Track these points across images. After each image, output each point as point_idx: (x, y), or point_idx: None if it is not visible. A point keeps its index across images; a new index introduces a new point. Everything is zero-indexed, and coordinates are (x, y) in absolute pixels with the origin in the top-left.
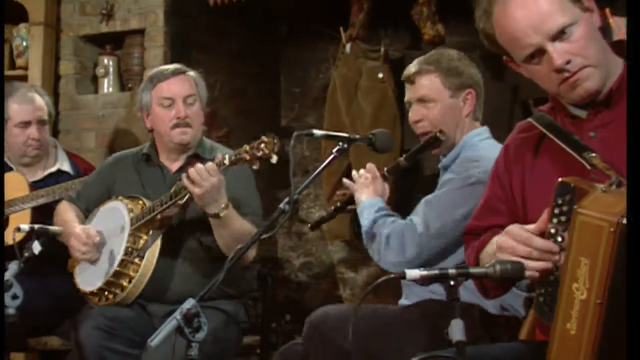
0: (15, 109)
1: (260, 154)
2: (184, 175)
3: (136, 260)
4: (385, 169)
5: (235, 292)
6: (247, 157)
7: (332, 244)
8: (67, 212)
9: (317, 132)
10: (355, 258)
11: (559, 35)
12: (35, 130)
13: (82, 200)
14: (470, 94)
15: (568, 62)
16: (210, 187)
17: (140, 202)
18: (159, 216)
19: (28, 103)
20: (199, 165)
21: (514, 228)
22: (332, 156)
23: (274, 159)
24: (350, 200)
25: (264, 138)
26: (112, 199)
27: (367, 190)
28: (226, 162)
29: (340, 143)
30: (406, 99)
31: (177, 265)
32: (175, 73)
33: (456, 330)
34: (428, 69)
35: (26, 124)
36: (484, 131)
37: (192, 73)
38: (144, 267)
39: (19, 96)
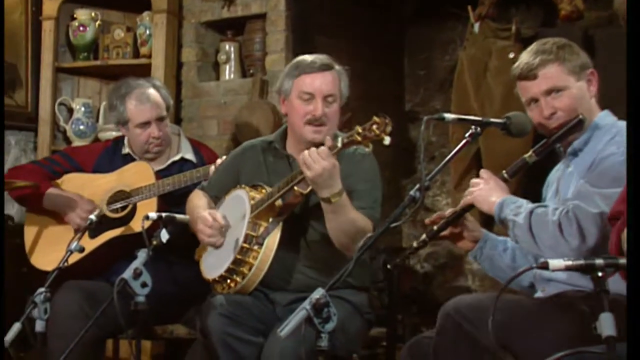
0: (133, 110)
1: (372, 135)
2: (299, 158)
3: (255, 247)
4: (504, 171)
5: (361, 283)
6: (359, 139)
7: None
8: (197, 199)
9: (449, 115)
10: None
11: None
12: (155, 129)
13: (213, 188)
14: (592, 74)
15: None
16: (322, 170)
17: (263, 190)
18: (279, 203)
19: (145, 103)
20: (312, 149)
21: None
22: (464, 141)
23: (387, 141)
24: (445, 225)
25: (375, 119)
26: (237, 188)
27: (495, 192)
28: (338, 144)
29: (473, 127)
30: (528, 96)
31: (300, 253)
32: (321, 68)
33: (606, 325)
34: (548, 58)
35: (145, 124)
36: (608, 112)
37: (337, 68)
38: (263, 254)
39: (135, 96)
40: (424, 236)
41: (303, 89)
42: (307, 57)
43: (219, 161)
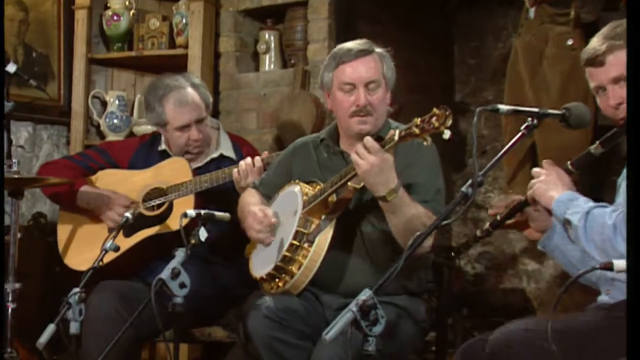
0: (172, 114)
1: (431, 127)
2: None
3: (305, 245)
4: (569, 162)
5: (414, 287)
6: (417, 132)
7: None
8: (250, 197)
9: (503, 107)
10: None
11: None
12: (195, 132)
13: (264, 186)
14: None
15: None
16: (370, 166)
17: (318, 186)
18: (332, 200)
19: (184, 105)
20: (360, 144)
21: None
22: (520, 134)
23: (447, 135)
24: (508, 216)
25: (435, 111)
26: (291, 183)
27: (556, 186)
28: (395, 138)
29: (529, 119)
30: (595, 84)
31: (353, 254)
32: (359, 55)
33: None
34: (617, 44)
35: (185, 127)
36: None
37: (379, 51)
38: (313, 253)
39: (174, 98)
40: (487, 225)
41: (343, 80)
42: (344, 45)
43: (257, 158)
